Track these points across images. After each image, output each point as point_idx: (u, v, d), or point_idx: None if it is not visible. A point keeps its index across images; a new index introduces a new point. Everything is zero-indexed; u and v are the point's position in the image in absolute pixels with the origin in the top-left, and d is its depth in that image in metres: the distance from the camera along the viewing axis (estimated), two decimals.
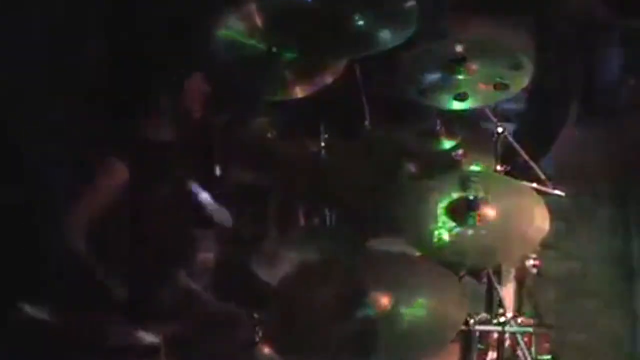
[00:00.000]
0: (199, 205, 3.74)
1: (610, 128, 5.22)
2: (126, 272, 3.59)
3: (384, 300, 2.83)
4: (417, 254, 3.25)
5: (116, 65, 3.70)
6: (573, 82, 4.83)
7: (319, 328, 2.82)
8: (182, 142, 3.79)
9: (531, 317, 3.66)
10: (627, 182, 4.91)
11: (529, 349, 3.52)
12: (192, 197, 3.73)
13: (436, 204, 3.26)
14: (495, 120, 3.71)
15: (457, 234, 3.18)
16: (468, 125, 3.91)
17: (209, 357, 3.54)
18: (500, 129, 3.68)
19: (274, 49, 3.98)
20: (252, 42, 4.03)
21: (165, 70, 3.61)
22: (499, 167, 3.68)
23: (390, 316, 2.81)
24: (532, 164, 3.75)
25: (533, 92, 4.83)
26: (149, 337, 3.48)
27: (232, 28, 4.05)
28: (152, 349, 3.48)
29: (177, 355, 3.57)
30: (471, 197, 3.22)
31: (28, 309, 3.42)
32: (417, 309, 2.85)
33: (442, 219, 3.22)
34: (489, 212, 3.22)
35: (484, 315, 3.52)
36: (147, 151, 3.56)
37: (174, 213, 3.71)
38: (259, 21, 4.07)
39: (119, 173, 3.48)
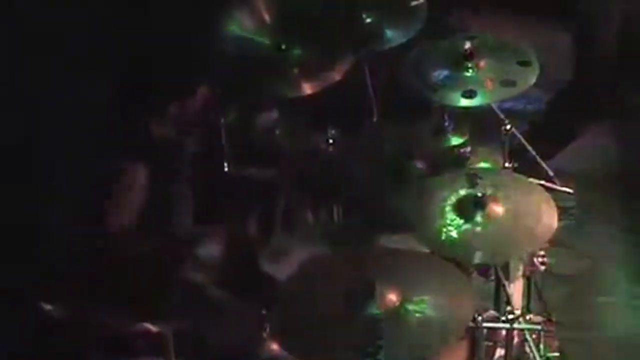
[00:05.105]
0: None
1: (622, 125, 5.21)
2: (134, 267, 3.60)
3: (392, 297, 2.82)
4: (425, 251, 3.25)
5: (126, 66, 3.70)
6: (597, 81, 4.80)
7: (327, 325, 2.82)
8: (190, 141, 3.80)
9: (539, 314, 3.65)
10: (638, 178, 4.90)
11: (537, 346, 3.52)
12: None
13: (444, 201, 3.25)
14: (503, 117, 3.70)
15: (465, 231, 3.17)
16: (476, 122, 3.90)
17: (217, 352, 3.55)
18: (508, 126, 3.67)
19: (283, 46, 3.98)
20: (261, 39, 4.03)
21: (173, 71, 3.60)
22: (507, 164, 3.67)
23: (398, 313, 2.81)
24: (540, 161, 3.75)
25: (552, 92, 4.84)
26: (154, 328, 3.49)
27: (241, 25, 4.05)
28: (158, 339, 3.48)
29: (185, 349, 3.58)
30: (479, 194, 3.22)
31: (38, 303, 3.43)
32: (424, 306, 2.84)
33: (450, 216, 3.21)
34: (497, 209, 3.21)
35: (492, 312, 3.51)
36: (157, 151, 3.57)
37: (182, 211, 3.71)
38: (267, 18, 4.07)
39: (140, 174, 3.48)
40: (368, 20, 4.03)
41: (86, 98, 3.91)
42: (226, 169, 4.14)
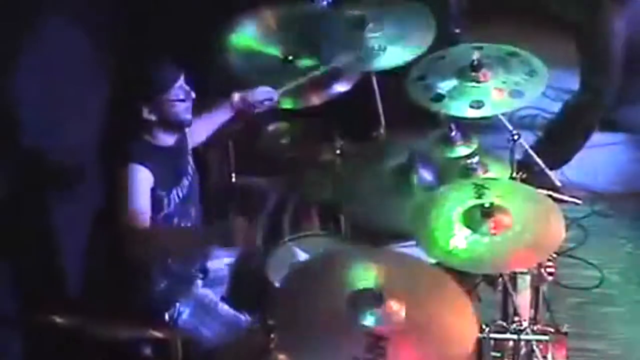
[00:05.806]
0: None
1: (628, 135, 5.21)
2: (142, 278, 3.61)
3: (397, 308, 2.82)
4: (432, 261, 3.25)
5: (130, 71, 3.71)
6: (605, 94, 4.79)
7: (332, 335, 2.82)
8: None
9: (547, 325, 3.65)
10: None
11: (544, 357, 3.52)
12: None
13: (451, 211, 3.25)
14: (511, 127, 3.70)
15: (473, 242, 3.17)
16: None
17: None
18: (515, 136, 3.66)
19: (290, 57, 3.99)
20: (269, 50, 4.04)
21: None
22: (514, 175, 3.67)
23: (402, 324, 2.80)
24: (547, 171, 3.74)
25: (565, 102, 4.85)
26: (159, 333, 3.49)
27: (249, 36, 4.07)
28: (163, 343, 3.48)
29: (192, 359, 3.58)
30: (487, 205, 3.22)
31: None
32: (429, 317, 2.84)
33: (458, 226, 3.21)
34: (505, 219, 3.21)
35: (499, 323, 3.51)
36: (163, 156, 3.57)
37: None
38: (275, 30, 4.09)
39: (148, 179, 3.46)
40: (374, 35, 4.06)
41: (91, 101, 3.94)
42: (233, 179, 4.16)
